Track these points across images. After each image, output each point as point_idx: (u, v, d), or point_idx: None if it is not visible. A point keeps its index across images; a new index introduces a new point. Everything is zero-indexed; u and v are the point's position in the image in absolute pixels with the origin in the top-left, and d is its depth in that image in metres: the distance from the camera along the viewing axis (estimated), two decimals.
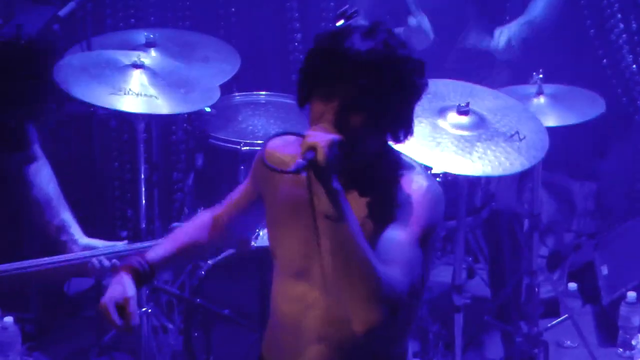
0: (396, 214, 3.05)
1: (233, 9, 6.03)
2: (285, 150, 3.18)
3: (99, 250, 4.06)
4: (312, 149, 2.81)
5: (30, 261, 3.96)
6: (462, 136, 4.48)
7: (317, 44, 2.98)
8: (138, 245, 4.33)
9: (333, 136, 2.86)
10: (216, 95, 5.05)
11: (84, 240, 4.06)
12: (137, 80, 4.78)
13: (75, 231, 4.09)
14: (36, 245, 4.57)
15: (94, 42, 5.09)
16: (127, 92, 4.81)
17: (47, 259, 3.95)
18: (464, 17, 5.94)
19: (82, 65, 4.81)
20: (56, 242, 4.10)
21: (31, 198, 4.16)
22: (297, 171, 2.84)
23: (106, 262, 4.00)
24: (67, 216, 4.14)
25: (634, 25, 6.56)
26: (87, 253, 4.04)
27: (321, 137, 2.86)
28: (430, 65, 5.20)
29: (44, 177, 4.16)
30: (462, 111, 4.48)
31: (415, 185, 3.09)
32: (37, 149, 4.18)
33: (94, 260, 3.99)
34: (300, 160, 2.82)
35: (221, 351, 4.94)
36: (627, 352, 5.67)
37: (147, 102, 4.82)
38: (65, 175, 4.47)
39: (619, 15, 6.58)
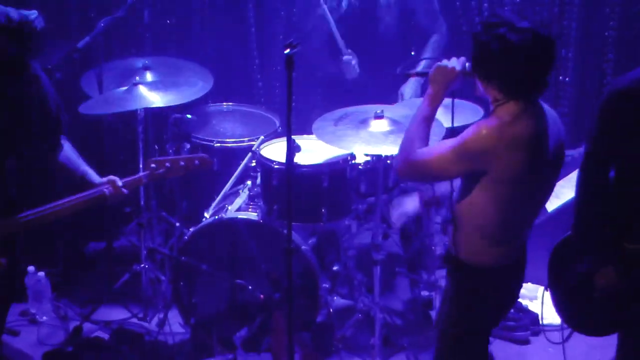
0: None
1: (208, 42, 5.95)
2: None
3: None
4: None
5: (65, 199, 4.03)
6: (381, 132, 4.50)
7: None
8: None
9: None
10: (197, 94, 5.04)
11: (98, 179, 4.12)
12: (138, 93, 4.79)
13: (92, 175, 4.14)
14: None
15: (105, 67, 5.05)
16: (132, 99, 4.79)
17: (77, 195, 4.04)
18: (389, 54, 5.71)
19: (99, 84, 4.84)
20: (82, 185, 4.12)
21: (61, 162, 4.16)
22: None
23: (119, 184, 4.08)
24: (85, 167, 4.16)
25: None
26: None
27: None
28: (356, 92, 5.44)
29: (67, 149, 4.16)
30: (378, 116, 4.53)
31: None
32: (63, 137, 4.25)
33: (105, 189, 4.06)
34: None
35: (201, 296, 4.90)
36: None
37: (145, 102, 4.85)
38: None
39: None
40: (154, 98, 4.93)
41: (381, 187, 4.84)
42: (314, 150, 4.81)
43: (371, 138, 4.52)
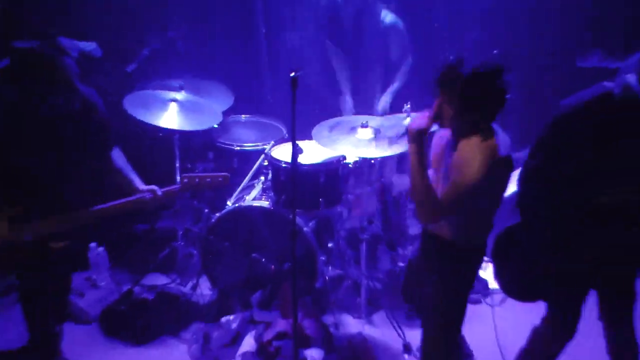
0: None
1: (229, 67, 5.75)
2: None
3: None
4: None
5: (116, 201, 4.03)
6: (366, 139, 4.51)
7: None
8: None
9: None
10: (220, 117, 4.99)
11: (144, 186, 4.10)
12: (174, 109, 4.77)
13: (137, 181, 4.12)
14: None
15: (148, 86, 5.02)
16: (167, 115, 4.74)
17: (125, 199, 4.05)
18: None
19: (142, 101, 4.77)
20: (129, 191, 4.10)
21: (113, 168, 4.14)
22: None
23: (159, 193, 4.07)
24: (132, 174, 4.15)
25: None
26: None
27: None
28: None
29: (118, 157, 4.15)
30: (363, 125, 4.54)
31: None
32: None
33: (147, 195, 4.05)
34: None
35: (224, 266, 4.87)
36: None
37: (179, 122, 4.80)
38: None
39: None
40: (186, 121, 4.79)
41: (366, 181, 4.81)
42: (313, 152, 4.74)
43: (358, 143, 4.49)
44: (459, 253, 3.50)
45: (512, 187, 4.66)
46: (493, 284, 5.03)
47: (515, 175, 4.58)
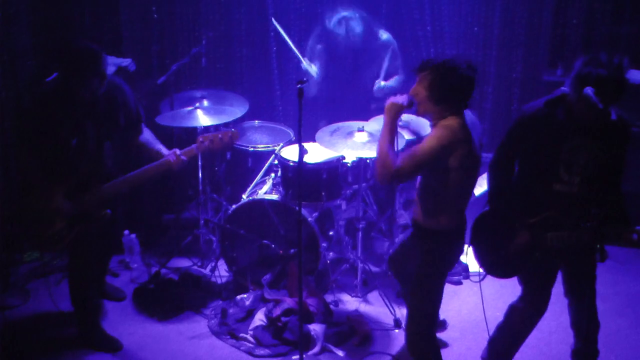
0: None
1: (245, 79, 5.73)
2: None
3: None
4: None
5: (142, 167, 4.07)
6: (362, 142, 4.48)
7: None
8: None
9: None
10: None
11: (167, 151, 4.12)
12: (198, 114, 4.70)
13: (164, 150, 4.14)
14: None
15: (175, 96, 5.00)
16: (194, 119, 4.66)
17: (150, 164, 4.08)
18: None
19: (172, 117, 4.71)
20: (157, 158, 4.13)
21: (142, 142, 4.20)
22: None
23: (178, 153, 4.06)
24: (159, 145, 4.20)
25: None
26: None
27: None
28: (344, 111, 5.25)
29: (146, 133, 4.22)
30: (360, 130, 4.53)
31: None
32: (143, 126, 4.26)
33: (170, 157, 4.04)
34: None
35: (239, 251, 4.86)
36: None
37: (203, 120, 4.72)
38: None
39: None
40: (208, 119, 4.78)
41: (362, 178, 4.78)
42: (316, 153, 4.74)
43: (355, 145, 4.48)
44: (432, 235, 3.50)
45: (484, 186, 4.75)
46: (473, 267, 4.99)
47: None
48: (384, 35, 5.34)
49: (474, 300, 4.65)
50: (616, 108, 3.38)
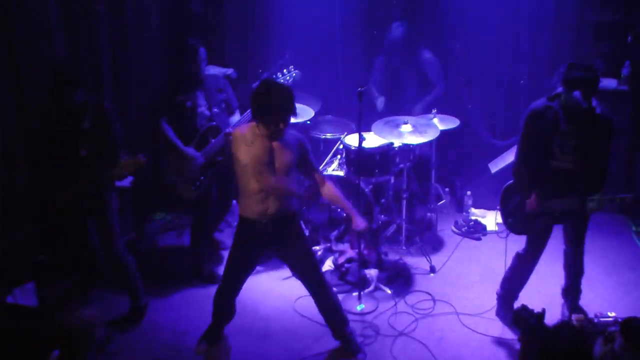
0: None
1: (318, 86, 5.77)
2: (244, 130, 3.46)
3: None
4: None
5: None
6: (406, 131, 4.81)
7: None
8: None
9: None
10: (311, 115, 5.23)
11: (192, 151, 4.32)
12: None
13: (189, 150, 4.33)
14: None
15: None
16: None
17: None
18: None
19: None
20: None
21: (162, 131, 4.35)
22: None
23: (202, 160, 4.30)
24: (190, 150, 4.36)
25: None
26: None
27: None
28: (394, 109, 5.48)
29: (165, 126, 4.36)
30: (404, 122, 4.89)
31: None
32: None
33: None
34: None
35: (314, 214, 5.00)
36: (464, 213, 5.56)
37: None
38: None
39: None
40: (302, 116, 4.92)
41: (406, 159, 5.05)
42: (372, 140, 4.91)
43: (401, 134, 4.82)
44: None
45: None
46: (490, 227, 5.40)
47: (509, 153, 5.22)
48: (427, 53, 5.57)
49: (489, 253, 5.09)
50: (602, 105, 3.66)
